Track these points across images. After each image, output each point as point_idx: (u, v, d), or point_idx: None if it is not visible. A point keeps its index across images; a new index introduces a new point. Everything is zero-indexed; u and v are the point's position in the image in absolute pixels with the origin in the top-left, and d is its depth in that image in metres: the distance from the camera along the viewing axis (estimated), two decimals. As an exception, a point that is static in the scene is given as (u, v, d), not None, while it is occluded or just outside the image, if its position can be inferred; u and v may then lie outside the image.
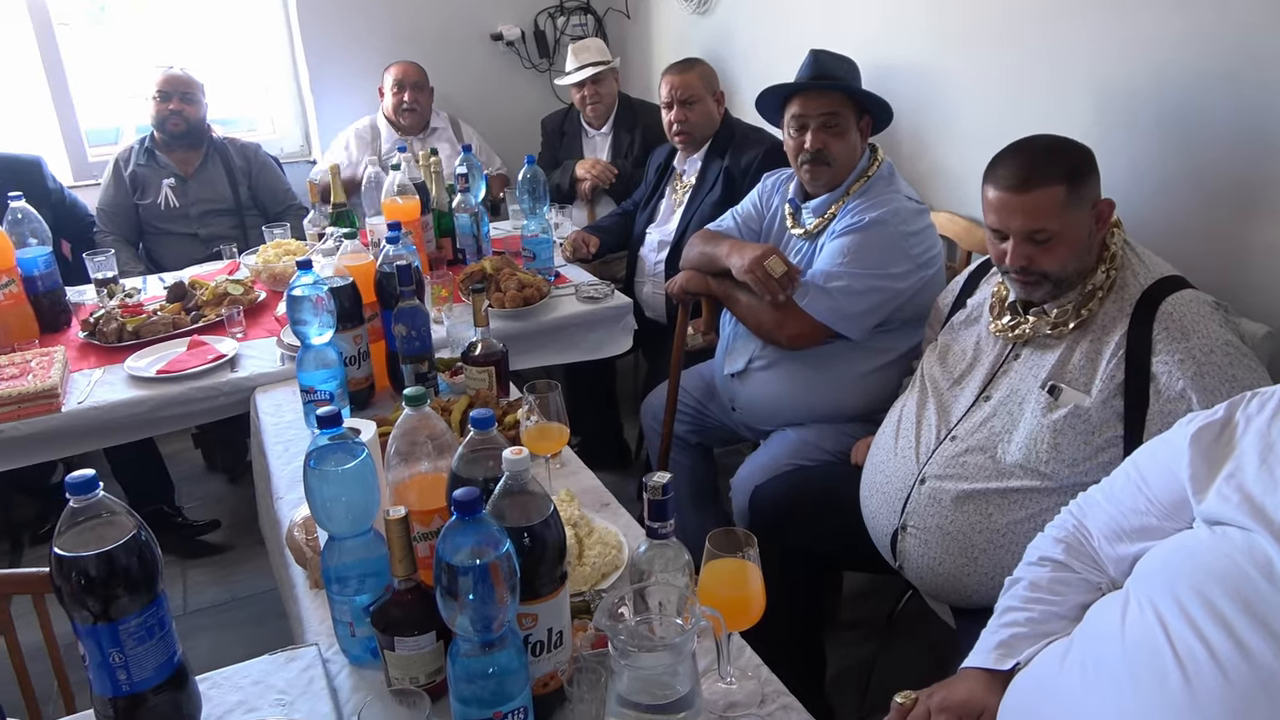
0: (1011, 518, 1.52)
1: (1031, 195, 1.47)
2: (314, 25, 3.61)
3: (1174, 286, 1.48)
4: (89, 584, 0.91)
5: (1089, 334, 1.51)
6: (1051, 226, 1.47)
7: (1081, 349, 1.51)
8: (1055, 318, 1.54)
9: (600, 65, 3.29)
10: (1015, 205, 1.49)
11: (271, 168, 3.31)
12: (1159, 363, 1.42)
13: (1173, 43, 1.82)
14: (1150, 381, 1.42)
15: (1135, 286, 1.50)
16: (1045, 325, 1.55)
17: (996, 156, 1.55)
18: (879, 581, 2.17)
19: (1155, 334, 1.43)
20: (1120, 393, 1.45)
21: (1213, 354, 1.40)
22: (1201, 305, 1.44)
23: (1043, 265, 1.50)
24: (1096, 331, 1.51)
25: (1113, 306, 1.50)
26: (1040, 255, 1.50)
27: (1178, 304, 1.44)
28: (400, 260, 1.78)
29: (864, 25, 2.66)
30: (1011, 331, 1.60)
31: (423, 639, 1.06)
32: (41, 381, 1.91)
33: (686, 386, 2.39)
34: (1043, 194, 1.47)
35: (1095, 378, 1.48)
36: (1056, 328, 1.53)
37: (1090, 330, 1.51)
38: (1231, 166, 1.78)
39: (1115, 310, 1.50)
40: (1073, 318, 1.52)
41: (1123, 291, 1.51)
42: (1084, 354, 1.50)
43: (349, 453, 1.11)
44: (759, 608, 1.10)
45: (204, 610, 2.55)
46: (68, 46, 3.38)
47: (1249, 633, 0.89)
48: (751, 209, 2.31)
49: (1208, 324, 1.42)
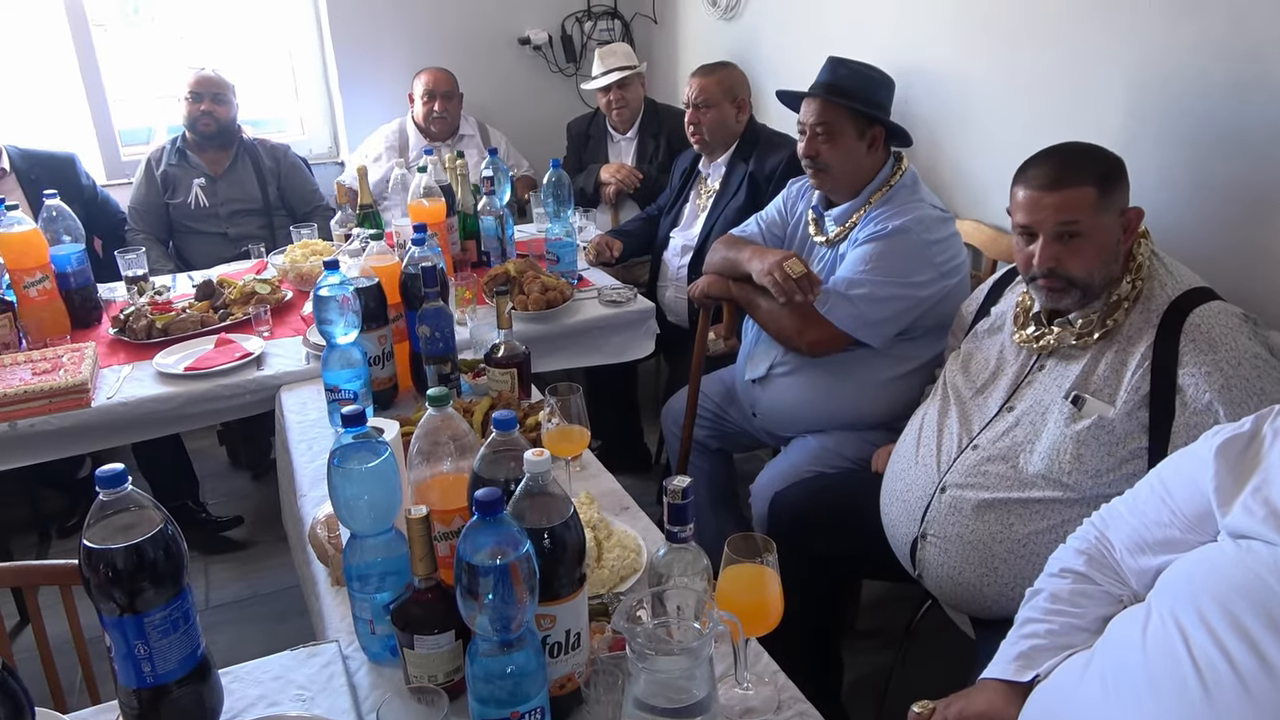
0: (1033, 528, 1.51)
1: (1062, 193, 1.48)
2: (344, 28, 3.65)
3: (1202, 298, 1.46)
4: (116, 576, 0.93)
5: (1114, 344, 1.50)
6: (1083, 223, 1.47)
7: (1107, 360, 1.50)
8: (1080, 328, 1.53)
9: (626, 70, 3.31)
10: (1046, 202, 1.49)
11: (300, 169, 3.35)
12: (1185, 375, 1.40)
13: (1208, 51, 1.80)
14: (1176, 393, 1.41)
15: (1162, 297, 1.49)
16: (1070, 336, 1.53)
17: (1028, 160, 1.55)
18: (898, 590, 2.16)
19: (1182, 346, 1.42)
20: (1145, 404, 1.44)
21: (1240, 366, 1.38)
22: (1230, 317, 1.43)
23: (1070, 268, 1.49)
24: (1122, 342, 1.49)
25: (1139, 317, 1.49)
26: (1068, 257, 1.49)
27: (1205, 316, 1.43)
28: (426, 262, 1.79)
29: (888, 31, 2.65)
30: (1036, 342, 1.59)
31: (442, 638, 1.06)
32: (72, 377, 1.94)
33: (707, 391, 2.39)
34: (1074, 192, 1.47)
35: (1120, 389, 1.46)
36: (1081, 338, 1.52)
37: (1116, 341, 1.50)
38: (1260, 177, 1.76)
39: (1141, 321, 1.48)
40: (1098, 328, 1.51)
41: (1149, 302, 1.49)
42: (1109, 365, 1.49)
43: (372, 451, 1.12)
44: (777, 614, 1.10)
45: (226, 605, 2.58)
46: (103, 47, 3.44)
47: (1272, 647, 0.88)
48: (776, 215, 2.31)
49: (1236, 336, 1.40)
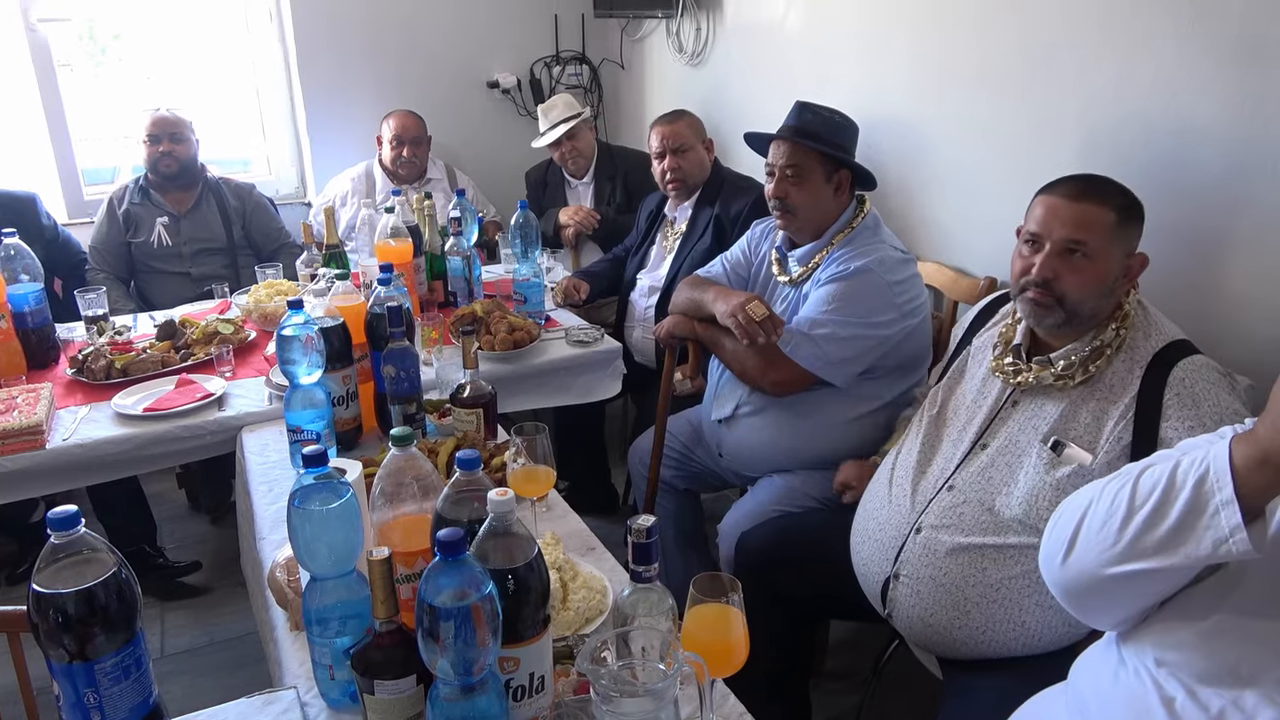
0: (1006, 574, 1.51)
1: (1084, 206, 1.50)
2: (313, 69, 3.67)
3: (1184, 351, 1.48)
4: (66, 621, 0.91)
5: (1096, 392, 1.51)
6: (1092, 243, 1.49)
7: (1089, 408, 1.50)
8: (1061, 370, 1.53)
9: (571, 120, 3.34)
10: (1065, 212, 1.51)
11: (265, 207, 3.34)
12: (1168, 428, 1.41)
13: (1158, 98, 1.87)
14: (1159, 446, 1.41)
15: (1146, 348, 1.50)
16: (1049, 376, 1.54)
17: (1058, 178, 1.58)
18: (865, 631, 2.16)
19: (1166, 399, 1.43)
20: (1126, 455, 1.44)
21: (1222, 423, 1.38)
22: (1211, 372, 1.44)
23: (1064, 286, 1.50)
24: (1104, 390, 1.50)
25: (1122, 366, 1.50)
26: (1067, 273, 1.50)
27: (1189, 370, 1.44)
28: (391, 301, 1.79)
29: (852, 78, 2.71)
30: (1013, 376, 1.59)
31: (403, 682, 1.04)
32: (27, 418, 1.90)
33: (674, 431, 2.40)
34: (1095, 209, 1.50)
35: (1101, 438, 1.47)
36: (1061, 380, 1.53)
37: (1098, 389, 1.51)
38: (1204, 220, 1.82)
39: (1124, 371, 1.49)
40: (1079, 372, 1.52)
41: (1133, 352, 1.50)
42: (1090, 413, 1.50)
43: (334, 492, 1.11)
44: (743, 654, 1.09)
45: (181, 654, 2.51)
46: (68, 87, 3.42)
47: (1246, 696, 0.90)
48: (740, 255, 2.34)
49: (1218, 392, 1.42)
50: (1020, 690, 1.25)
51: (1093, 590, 1.08)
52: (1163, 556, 0.99)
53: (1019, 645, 1.52)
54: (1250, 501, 0.93)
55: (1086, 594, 1.10)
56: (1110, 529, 1.03)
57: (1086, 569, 1.07)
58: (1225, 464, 0.94)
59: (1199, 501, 0.95)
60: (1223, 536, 0.93)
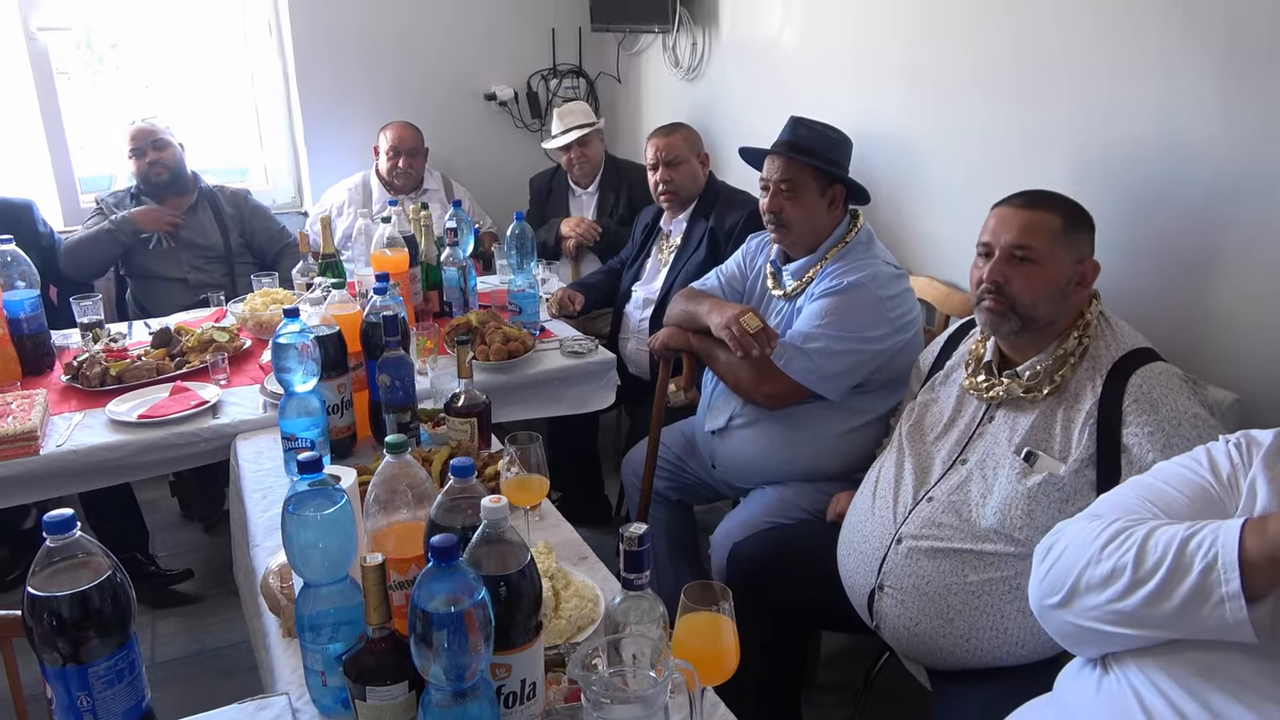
0: (985, 576, 1.53)
1: (1030, 213, 1.56)
2: (311, 80, 3.69)
3: (1145, 359, 1.51)
4: (61, 624, 0.91)
5: (1063, 402, 1.54)
6: (1038, 248, 1.54)
7: (1058, 417, 1.53)
8: (1028, 380, 1.57)
9: (585, 128, 3.37)
10: (1011, 219, 1.57)
11: (262, 211, 3.35)
12: (1129, 434, 1.45)
13: (1148, 116, 1.89)
14: (1122, 453, 1.45)
15: (1106, 357, 1.53)
16: (1018, 388, 1.58)
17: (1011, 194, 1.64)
18: (856, 644, 2.17)
19: (1126, 405, 1.46)
20: (1093, 463, 1.47)
21: (1181, 426, 1.42)
22: (1171, 378, 1.48)
23: (1015, 289, 1.55)
24: (1069, 400, 1.54)
25: (1084, 374, 1.54)
26: (1016, 278, 1.55)
27: (1147, 376, 1.48)
28: (387, 311, 1.80)
29: (846, 94, 2.74)
30: (985, 391, 1.63)
31: (395, 689, 1.05)
32: (21, 424, 1.90)
33: (667, 442, 2.41)
34: (1041, 215, 1.55)
35: (1070, 447, 1.50)
36: (1030, 391, 1.56)
37: (1065, 398, 1.54)
38: (1191, 240, 1.84)
39: (1086, 379, 1.53)
40: (1046, 382, 1.55)
41: (1095, 361, 1.54)
42: (1059, 422, 1.53)
43: (328, 498, 1.11)
44: (733, 662, 1.10)
45: (172, 661, 2.50)
46: (65, 95, 3.43)
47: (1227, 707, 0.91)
48: (735, 269, 2.36)
49: (1176, 397, 1.45)
50: (1007, 701, 1.25)
51: (1088, 637, 1.09)
52: (1164, 630, 1.00)
53: (1004, 653, 1.53)
54: (1256, 592, 0.93)
55: (1081, 638, 1.11)
56: (1113, 591, 1.03)
57: (1085, 623, 1.07)
58: (1235, 556, 0.94)
59: (1205, 588, 0.95)
60: (1226, 626, 0.94)
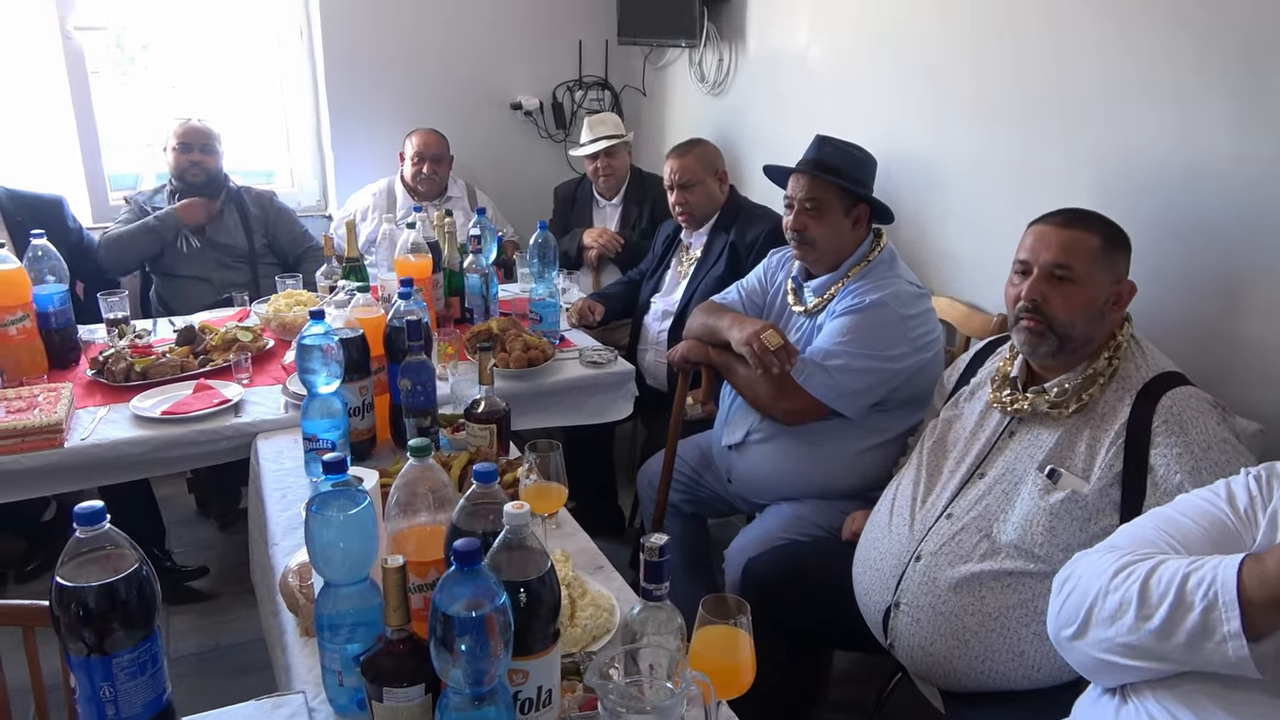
0: (1004, 602, 1.52)
1: (1070, 232, 1.55)
2: (341, 85, 3.73)
3: (1175, 382, 1.51)
4: (87, 615, 0.92)
5: (1090, 421, 1.54)
6: (1078, 267, 1.53)
7: (1083, 436, 1.53)
8: (1055, 397, 1.57)
9: (614, 139, 3.39)
10: (1051, 238, 1.56)
11: (287, 213, 3.38)
12: (1157, 455, 1.44)
13: (1164, 145, 1.89)
14: (1148, 473, 1.44)
15: (1136, 378, 1.53)
16: (1044, 404, 1.57)
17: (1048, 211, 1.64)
18: (869, 663, 2.15)
19: (1155, 426, 1.46)
20: (1118, 482, 1.47)
21: (1210, 450, 1.42)
22: (1200, 402, 1.47)
23: (1053, 308, 1.54)
24: (1097, 419, 1.53)
25: (1113, 395, 1.53)
26: (1055, 297, 1.54)
27: (1177, 399, 1.47)
28: (411, 315, 1.81)
29: (871, 113, 2.74)
30: (1010, 405, 1.63)
31: (412, 690, 1.05)
32: (47, 416, 1.92)
33: (683, 455, 2.41)
34: (1081, 235, 1.55)
35: (1095, 465, 1.50)
36: (1056, 408, 1.56)
37: (1091, 417, 1.54)
38: (1215, 265, 1.84)
39: (1115, 399, 1.53)
40: (1073, 400, 1.55)
41: (1125, 381, 1.54)
42: (1084, 441, 1.52)
43: (351, 499, 1.12)
44: (749, 676, 1.10)
45: (186, 657, 2.51)
46: (96, 94, 3.48)
47: None
48: (756, 283, 2.36)
49: (1206, 421, 1.44)
50: (1022, 726, 1.25)
51: (1105, 668, 1.12)
52: (1174, 664, 1.03)
53: (1019, 677, 1.52)
54: (1257, 632, 0.95)
55: (1099, 669, 1.13)
56: (1121, 625, 1.06)
57: (1100, 655, 1.10)
58: (1234, 595, 0.96)
59: (1207, 625, 0.98)
60: (1229, 662, 0.97)
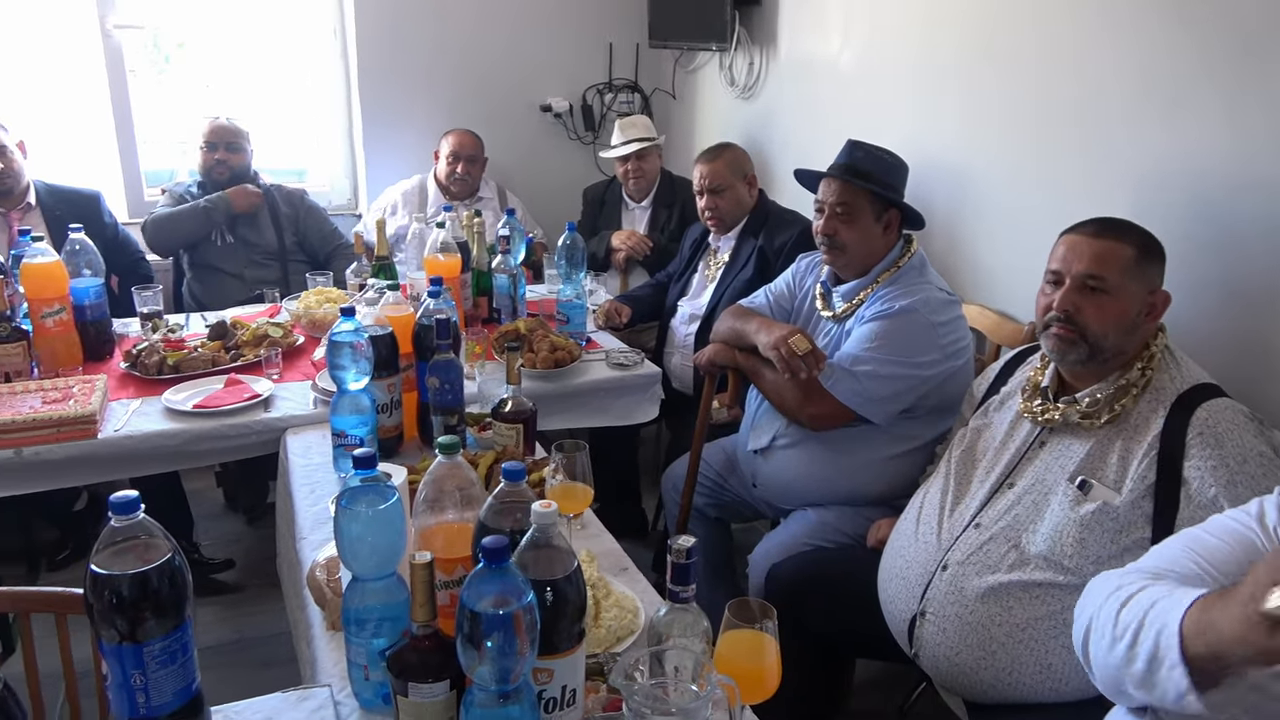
0: (1032, 614, 1.51)
1: (1103, 243, 1.53)
2: (372, 86, 3.76)
3: (1210, 394, 1.49)
4: (120, 603, 0.93)
5: (1122, 432, 1.51)
6: (1111, 278, 1.51)
7: (1115, 447, 1.51)
8: (1086, 407, 1.55)
9: (645, 141, 3.40)
10: (1084, 248, 1.54)
11: (317, 211, 3.42)
12: (1191, 467, 1.42)
13: (1204, 154, 1.86)
14: (1182, 486, 1.42)
15: (1171, 389, 1.51)
16: (1075, 414, 1.55)
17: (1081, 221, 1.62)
18: (892, 671, 2.14)
19: (1189, 438, 1.43)
20: (1151, 494, 1.45)
21: (1246, 464, 1.39)
22: (1236, 414, 1.45)
23: (1086, 318, 1.52)
24: (1129, 430, 1.51)
25: (1146, 406, 1.51)
26: (1088, 307, 1.52)
27: (1213, 410, 1.45)
28: (440, 314, 1.82)
29: (903, 118, 2.73)
30: (1041, 415, 1.61)
31: (436, 687, 1.06)
32: (82, 407, 1.95)
33: (708, 459, 2.40)
34: (1114, 245, 1.53)
35: (1127, 477, 1.47)
36: (1087, 418, 1.54)
37: (1124, 429, 1.52)
38: (1257, 278, 1.81)
39: (1149, 410, 1.50)
40: (1105, 411, 1.53)
41: (1158, 393, 1.51)
42: (1117, 452, 1.50)
43: (380, 495, 1.13)
44: (775, 682, 1.10)
45: (210, 649, 2.54)
46: (133, 92, 3.54)
47: None
48: (785, 288, 2.35)
49: (1242, 434, 1.42)
50: (1049, 739, 1.24)
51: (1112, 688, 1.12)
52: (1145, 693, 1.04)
53: (1046, 690, 1.50)
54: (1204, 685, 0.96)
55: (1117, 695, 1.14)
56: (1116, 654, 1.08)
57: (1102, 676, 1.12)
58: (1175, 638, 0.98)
59: (1157, 656, 1.00)
60: (1180, 692, 0.97)
